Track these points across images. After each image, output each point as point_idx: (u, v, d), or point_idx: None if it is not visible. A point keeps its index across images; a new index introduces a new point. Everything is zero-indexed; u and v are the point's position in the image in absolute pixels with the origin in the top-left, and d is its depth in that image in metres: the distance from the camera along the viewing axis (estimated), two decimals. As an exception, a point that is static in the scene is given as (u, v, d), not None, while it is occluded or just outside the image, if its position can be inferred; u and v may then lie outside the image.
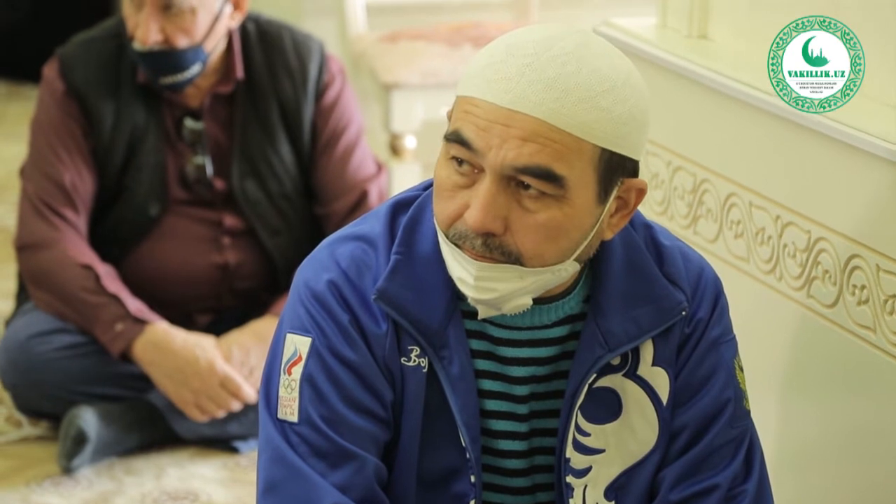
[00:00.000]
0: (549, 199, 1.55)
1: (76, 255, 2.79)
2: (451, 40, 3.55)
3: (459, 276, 1.58)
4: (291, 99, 2.89)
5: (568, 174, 1.54)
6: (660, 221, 2.28)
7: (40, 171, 2.84)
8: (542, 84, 1.52)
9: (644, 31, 2.37)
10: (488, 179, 1.54)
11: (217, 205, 2.89)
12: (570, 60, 1.54)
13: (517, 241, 1.56)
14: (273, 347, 1.68)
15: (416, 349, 1.64)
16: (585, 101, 1.53)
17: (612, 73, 1.55)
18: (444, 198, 1.58)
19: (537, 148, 1.52)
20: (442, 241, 1.60)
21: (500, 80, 1.53)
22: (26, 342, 2.79)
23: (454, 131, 1.56)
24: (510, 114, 1.53)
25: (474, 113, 1.54)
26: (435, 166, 1.60)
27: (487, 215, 1.54)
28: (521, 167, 1.53)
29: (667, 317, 1.67)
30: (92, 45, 2.88)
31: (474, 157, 1.55)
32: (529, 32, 1.57)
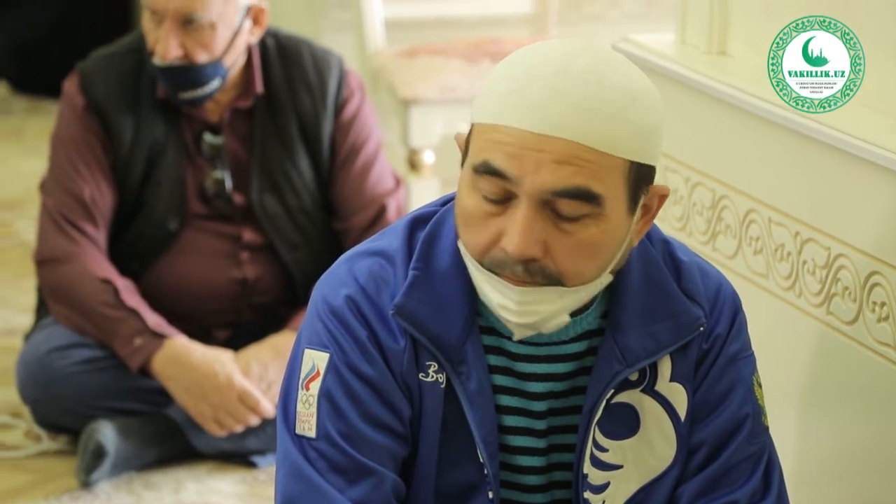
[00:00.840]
0: (586, 218, 1.55)
1: (95, 270, 2.79)
2: (469, 56, 3.55)
3: (499, 302, 1.58)
4: (310, 114, 2.90)
5: (604, 192, 1.54)
6: (679, 237, 2.28)
7: (60, 186, 2.85)
8: (570, 106, 1.52)
9: (663, 47, 2.37)
10: (525, 205, 1.54)
11: (236, 219, 2.90)
12: (592, 79, 1.53)
13: (557, 263, 1.56)
14: (291, 363, 1.68)
15: (433, 365, 1.64)
16: (613, 117, 1.53)
17: (633, 85, 1.56)
18: (475, 227, 1.57)
19: (573, 170, 1.52)
20: (474, 268, 1.59)
21: (526, 105, 1.53)
22: (46, 356, 2.80)
23: (484, 162, 1.55)
24: (542, 139, 1.52)
25: (504, 141, 1.53)
26: (459, 195, 1.59)
27: (527, 242, 1.54)
28: (558, 190, 1.53)
29: (685, 332, 1.67)
30: (112, 60, 2.89)
31: (507, 184, 1.54)
32: (543, 51, 1.57)
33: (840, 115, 1.96)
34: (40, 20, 5.06)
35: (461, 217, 1.59)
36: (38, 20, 5.06)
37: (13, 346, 3.24)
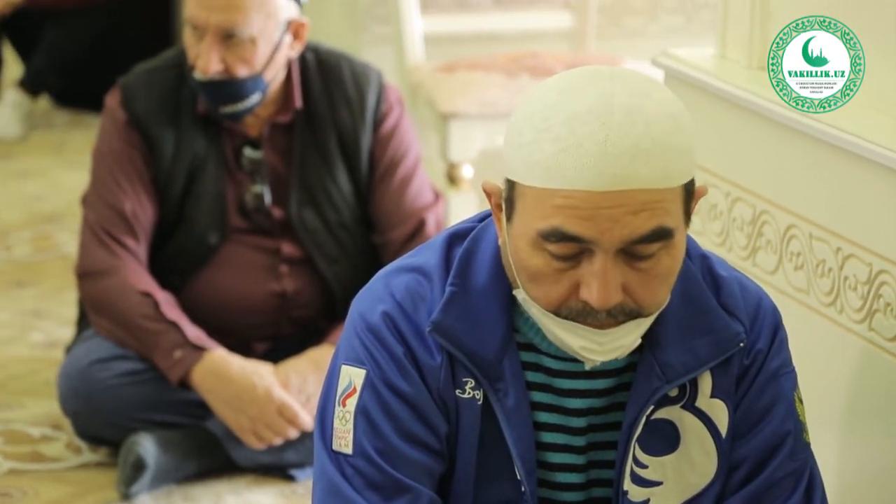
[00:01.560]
0: (659, 252, 1.56)
1: (136, 283, 2.81)
2: (508, 70, 3.55)
3: (582, 345, 1.58)
4: (349, 128, 2.90)
5: (673, 223, 1.55)
6: (718, 253, 2.26)
7: (101, 200, 2.86)
8: (628, 156, 1.52)
9: (703, 62, 2.36)
10: (602, 258, 1.54)
11: (275, 233, 2.90)
12: (637, 117, 1.53)
13: (637, 300, 1.56)
14: (328, 378, 1.68)
15: (470, 381, 1.64)
16: (666, 151, 1.53)
17: (669, 109, 1.56)
18: (547, 283, 1.57)
19: (648, 215, 1.53)
20: (544, 317, 1.59)
21: (583, 166, 1.52)
22: (87, 369, 2.81)
23: (555, 229, 1.53)
24: (610, 195, 1.52)
25: (571, 205, 1.52)
26: (519, 253, 1.58)
27: (609, 292, 1.54)
28: (637, 238, 1.54)
29: (725, 348, 1.66)
30: (153, 74, 2.90)
31: (581, 244, 1.54)
32: (576, 96, 1.54)
33: (880, 130, 1.95)
34: (82, 35, 5.09)
35: (526, 274, 1.58)
36: (81, 35, 5.09)
37: (55, 359, 3.26)
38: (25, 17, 5.07)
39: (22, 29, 5.15)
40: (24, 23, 5.10)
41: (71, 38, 5.07)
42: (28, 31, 5.13)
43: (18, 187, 4.58)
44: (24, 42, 5.19)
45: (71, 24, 5.06)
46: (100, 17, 5.10)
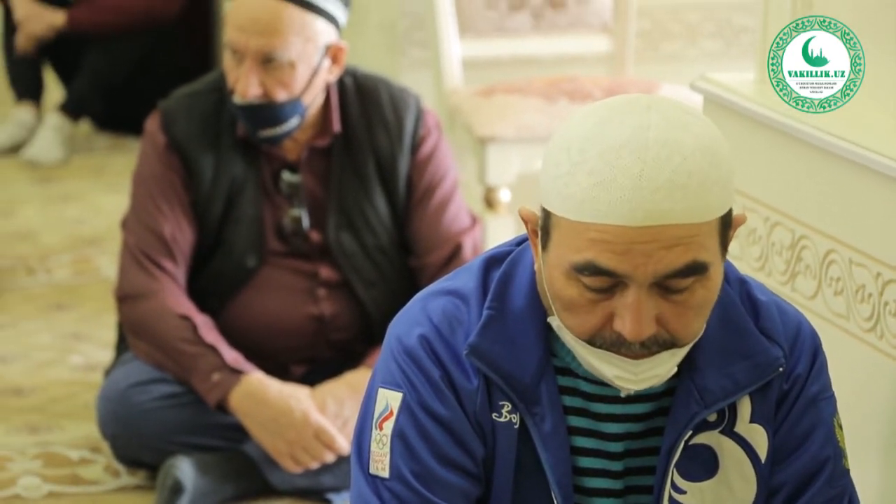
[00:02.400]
0: (694, 284, 1.55)
1: (175, 306, 2.82)
2: (546, 94, 3.55)
3: (616, 374, 1.58)
4: (387, 152, 2.91)
5: (708, 256, 1.55)
6: (757, 277, 2.26)
7: (141, 223, 2.88)
8: (663, 191, 1.51)
9: (742, 87, 2.36)
10: (636, 291, 1.54)
11: (313, 257, 2.91)
12: (673, 151, 1.52)
13: (671, 331, 1.56)
14: (365, 402, 1.68)
15: (507, 405, 1.64)
16: (702, 185, 1.53)
17: (705, 141, 1.55)
18: (581, 313, 1.57)
19: (682, 249, 1.53)
20: (579, 345, 1.59)
21: (618, 200, 1.51)
22: (125, 392, 2.82)
23: (588, 263, 1.53)
24: (644, 230, 1.52)
25: (605, 240, 1.52)
26: (553, 282, 1.58)
27: (643, 325, 1.54)
28: (671, 273, 1.53)
29: (764, 373, 1.66)
30: (193, 98, 2.91)
31: (615, 277, 1.54)
32: (613, 128, 1.54)
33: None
34: (123, 59, 5.13)
35: (560, 303, 1.58)
36: (122, 59, 5.13)
37: (94, 382, 3.27)
38: (67, 41, 5.11)
39: (63, 53, 5.19)
40: (66, 47, 5.15)
41: (112, 63, 5.10)
42: (69, 55, 5.17)
43: (59, 211, 4.61)
44: (65, 66, 5.23)
45: (112, 48, 5.09)
46: (140, 41, 5.14)
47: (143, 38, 5.13)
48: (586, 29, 3.80)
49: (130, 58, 5.12)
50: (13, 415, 3.23)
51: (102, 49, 5.07)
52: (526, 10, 3.76)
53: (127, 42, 5.09)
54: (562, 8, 3.77)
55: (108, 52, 5.09)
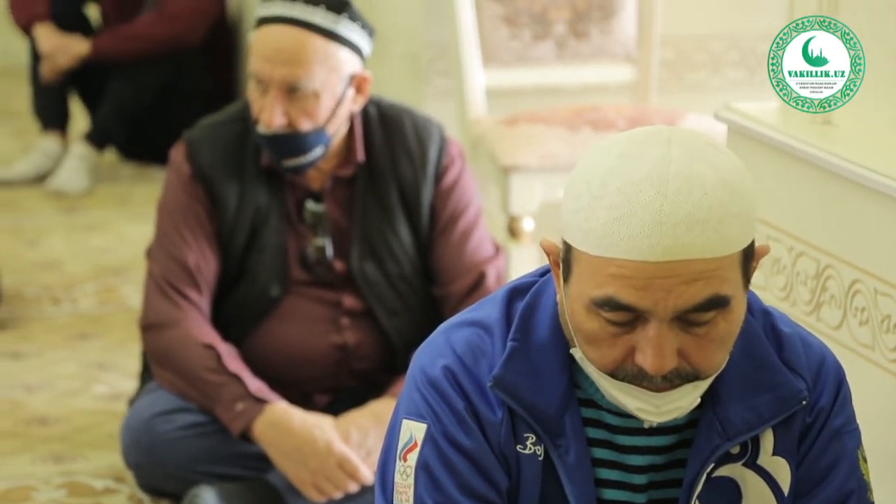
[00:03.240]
0: (716, 317, 1.55)
1: (198, 335, 2.82)
2: (570, 123, 3.55)
3: (638, 406, 1.57)
4: (411, 181, 2.91)
5: (729, 290, 1.54)
6: (782, 307, 2.25)
7: (166, 253, 2.88)
8: (683, 226, 1.51)
9: (766, 116, 2.35)
10: (657, 325, 1.53)
11: (336, 286, 2.91)
12: (694, 185, 1.52)
13: (693, 363, 1.56)
14: (389, 433, 1.68)
15: (531, 437, 1.63)
16: (722, 218, 1.52)
17: (726, 174, 1.54)
18: (603, 346, 1.56)
19: (703, 284, 1.52)
20: (601, 378, 1.59)
21: (639, 237, 1.51)
22: (149, 421, 2.82)
23: (609, 298, 1.53)
24: (664, 266, 1.51)
25: (625, 275, 1.52)
26: (574, 316, 1.58)
27: (664, 359, 1.54)
28: (691, 308, 1.53)
29: (787, 406, 1.65)
30: (218, 128, 2.92)
31: (635, 312, 1.54)
32: (633, 162, 1.54)
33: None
34: (146, 87, 5.15)
35: (582, 336, 1.58)
36: (146, 88, 5.15)
37: (118, 411, 3.28)
38: (92, 69, 5.14)
39: (89, 81, 5.22)
40: (91, 75, 5.18)
41: (135, 90, 5.13)
42: (95, 83, 5.20)
43: (84, 240, 4.62)
44: (91, 95, 5.26)
45: (135, 76, 5.12)
46: (164, 69, 5.16)
47: (166, 65, 5.15)
48: (610, 58, 3.81)
49: (153, 85, 5.14)
50: (38, 444, 3.24)
51: (125, 77, 5.10)
52: (550, 40, 3.77)
53: (150, 70, 5.12)
54: (585, 37, 3.78)
55: (131, 80, 5.11)
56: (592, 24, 3.76)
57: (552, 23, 3.75)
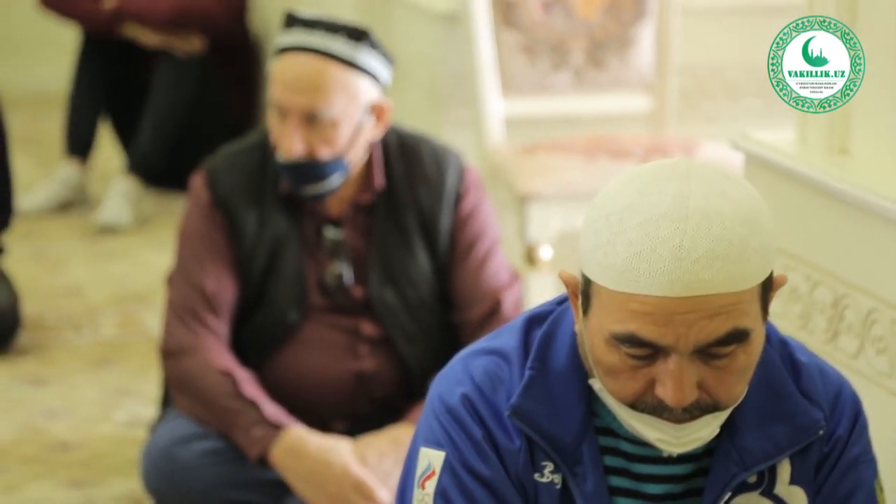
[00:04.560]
0: (736, 350, 1.55)
1: (217, 361, 2.83)
2: (587, 152, 3.56)
3: (659, 437, 1.58)
4: (429, 209, 2.92)
5: (749, 323, 1.55)
6: (799, 336, 2.25)
7: (185, 279, 2.90)
8: (703, 261, 1.51)
9: (783, 145, 2.36)
10: (677, 359, 1.54)
11: (355, 312, 2.92)
12: (713, 221, 1.52)
13: (713, 395, 1.56)
14: (407, 460, 1.69)
15: (549, 465, 1.64)
16: (742, 253, 1.53)
17: (745, 207, 1.55)
18: (622, 379, 1.57)
19: (723, 318, 1.53)
20: (620, 409, 1.59)
21: (659, 273, 1.51)
22: (169, 448, 2.83)
23: (630, 334, 1.53)
24: (685, 301, 1.52)
25: (645, 311, 1.52)
26: (595, 349, 1.58)
27: (685, 392, 1.54)
28: (712, 342, 1.54)
29: (804, 435, 1.65)
30: (238, 156, 2.94)
31: (656, 348, 1.55)
32: (652, 198, 1.54)
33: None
34: (179, 102, 5.18)
35: (602, 368, 1.58)
36: (166, 117, 5.18)
37: (139, 438, 3.29)
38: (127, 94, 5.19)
39: (123, 112, 5.26)
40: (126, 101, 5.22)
41: (171, 107, 5.15)
42: (128, 114, 5.25)
43: (105, 267, 4.64)
44: (125, 126, 5.29)
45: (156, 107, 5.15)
46: (185, 100, 5.20)
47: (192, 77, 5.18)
48: (627, 87, 3.82)
49: (174, 116, 5.17)
50: (59, 470, 3.25)
51: (159, 97, 5.13)
52: (567, 69, 3.78)
53: (170, 101, 5.15)
54: (603, 67, 3.79)
55: (151, 111, 5.14)
56: (610, 54, 3.77)
57: (570, 52, 3.77)
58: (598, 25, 3.77)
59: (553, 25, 3.75)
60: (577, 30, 3.76)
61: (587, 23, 3.76)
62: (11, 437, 3.42)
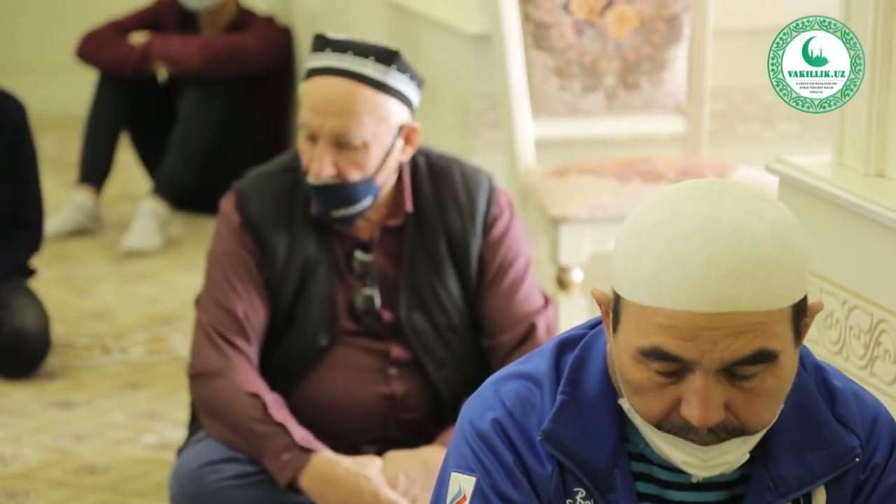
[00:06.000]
0: (764, 372, 1.53)
1: (245, 384, 2.82)
2: (619, 175, 3.55)
3: (684, 460, 1.56)
4: (459, 232, 2.91)
5: (778, 345, 1.53)
6: (835, 362, 2.22)
7: (215, 302, 2.89)
8: (731, 278, 1.50)
9: (819, 169, 2.34)
10: (703, 377, 1.52)
11: (384, 336, 2.91)
12: (743, 238, 1.51)
13: (740, 418, 1.54)
14: (438, 485, 1.67)
15: (581, 491, 1.62)
16: (772, 273, 1.51)
17: (778, 228, 1.53)
18: (649, 396, 1.56)
19: (750, 337, 1.51)
20: (648, 429, 1.58)
21: (686, 287, 1.50)
22: (198, 471, 2.82)
23: (655, 348, 1.53)
24: (711, 317, 1.50)
25: (672, 325, 1.51)
26: (622, 366, 1.57)
27: (711, 412, 1.52)
28: (738, 360, 1.52)
29: (840, 462, 1.63)
30: (268, 179, 2.93)
31: (682, 363, 1.53)
32: (683, 214, 1.53)
33: None
34: (207, 127, 5.19)
35: (629, 386, 1.57)
36: (206, 128, 5.19)
37: (167, 461, 3.28)
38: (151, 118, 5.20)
39: (147, 136, 5.28)
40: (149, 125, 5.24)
41: (198, 132, 5.17)
42: (153, 139, 5.26)
43: (134, 290, 4.65)
44: (149, 150, 5.31)
45: (186, 129, 5.17)
46: (214, 123, 5.21)
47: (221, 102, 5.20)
48: (660, 110, 3.80)
49: (204, 138, 5.18)
50: (87, 493, 3.24)
51: (187, 121, 5.15)
52: (599, 91, 3.77)
53: (199, 123, 5.17)
54: (636, 89, 3.77)
55: (192, 123, 5.16)
56: (643, 76, 3.75)
57: (602, 74, 3.75)
58: (630, 47, 3.75)
59: (585, 47, 3.74)
60: (609, 52, 3.75)
61: (619, 45, 3.75)
62: (39, 460, 3.42)
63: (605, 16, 3.74)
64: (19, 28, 6.84)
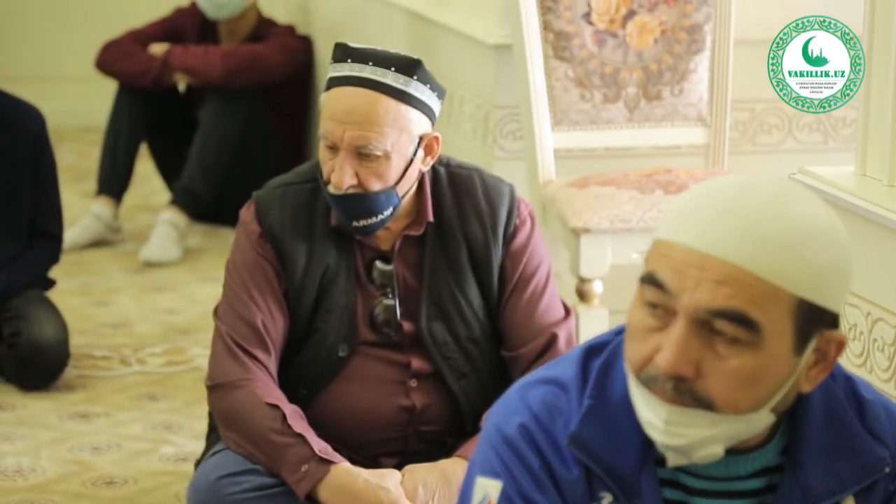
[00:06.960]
0: (742, 345, 1.52)
1: (264, 395, 2.81)
2: (641, 186, 3.53)
3: (648, 419, 1.56)
4: (480, 242, 2.90)
5: (763, 320, 1.51)
6: (859, 374, 2.21)
7: (233, 312, 2.88)
8: (739, 230, 1.51)
9: (841, 180, 2.33)
10: (681, 322, 1.53)
11: (405, 347, 2.90)
12: (770, 207, 1.52)
13: (709, 387, 1.53)
14: (463, 491, 1.67)
15: (608, 496, 1.61)
16: (784, 249, 1.50)
17: (813, 223, 1.53)
18: (637, 340, 1.57)
19: (732, 292, 1.50)
20: (632, 383, 1.59)
21: (696, 224, 1.53)
22: (216, 483, 2.81)
23: (649, 273, 1.56)
24: (706, 258, 1.51)
25: (669, 255, 1.54)
26: (629, 309, 1.59)
27: (679, 358, 1.52)
28: (714, 310, 1.51)
29: (869, 473, 1.62)
30: (287, 189, 2.93)
31: (668, 299, 1.54)
32: (731, 178, 1.57)
33: None
34: (229, 138, 5.20)
35: (627, 329, 1.59)
36: (227, 138, 5.19)
37: (185, 473, 3.27)
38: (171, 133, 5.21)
39: (165, 148, 5.29)
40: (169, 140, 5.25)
41: (220, 142, 5.17)
42: (172, 150, 5.27)
43: (153, 301, 4.65)
44: (168, 161, 5.32)
45: (205, 140, 5.17)
46: (234, 133, 5.21)
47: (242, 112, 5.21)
48: (682, 120, 3.79)
49: (223, 149, 5.18)
50: (104, 504, 3.24)
51: (209, 131, 5.16)
52: (620, 102, 3.76)
53: (218, 135, 5.17)
54: (657, 99, 3.76)
55: (200, 144, 5.16)
56: (664, 86, 3.75)
57: (623, 85, 3.74)
58: (651, 58, 3.74)
59: (606, 57, 3.73)
60: (630, 62, 3.74)
61: (640, 55, 3.74)
62: (57, 472, 3.42)
63: (626, 26, 3.74)
64: (39, 38, 6.87)
